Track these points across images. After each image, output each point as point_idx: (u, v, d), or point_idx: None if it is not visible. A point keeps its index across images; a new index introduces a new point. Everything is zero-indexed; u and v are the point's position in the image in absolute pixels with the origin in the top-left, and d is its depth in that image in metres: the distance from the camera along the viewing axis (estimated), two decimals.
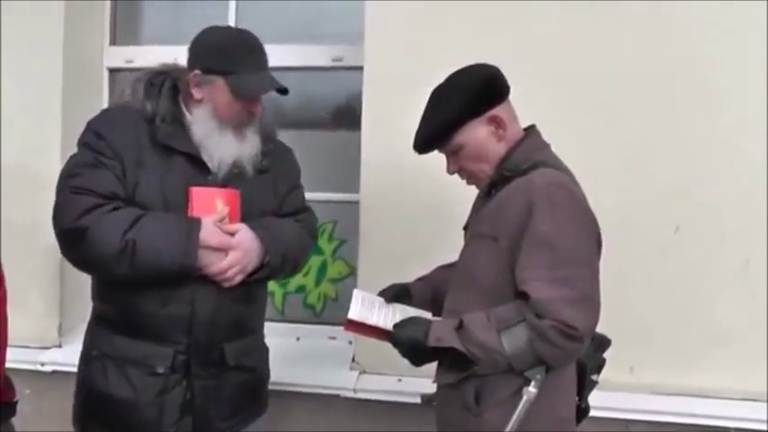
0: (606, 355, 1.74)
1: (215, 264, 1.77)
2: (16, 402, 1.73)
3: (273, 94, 1.85)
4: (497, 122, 1.63)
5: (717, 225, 2.29)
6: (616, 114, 2.33)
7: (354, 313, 1.70)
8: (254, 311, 1.99)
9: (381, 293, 1.81)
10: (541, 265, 1.48)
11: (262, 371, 2.06)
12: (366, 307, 1.72)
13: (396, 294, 1.80)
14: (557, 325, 1.44)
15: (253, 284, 1.89)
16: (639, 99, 2.32)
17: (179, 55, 1.93)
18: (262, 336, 2.08)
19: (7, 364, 2.68)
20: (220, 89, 1.79)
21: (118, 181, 1.75)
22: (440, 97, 1.66)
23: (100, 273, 1.82)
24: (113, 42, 2.98)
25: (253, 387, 2.00)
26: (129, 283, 1.76)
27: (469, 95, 1.61)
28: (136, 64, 2.91)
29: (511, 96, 1.70)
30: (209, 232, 1.75)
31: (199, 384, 1.84)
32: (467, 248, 1.73)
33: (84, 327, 2.79)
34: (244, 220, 1.85)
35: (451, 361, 1.58)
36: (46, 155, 2.69)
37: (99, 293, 1.91)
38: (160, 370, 1.79)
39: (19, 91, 2.74)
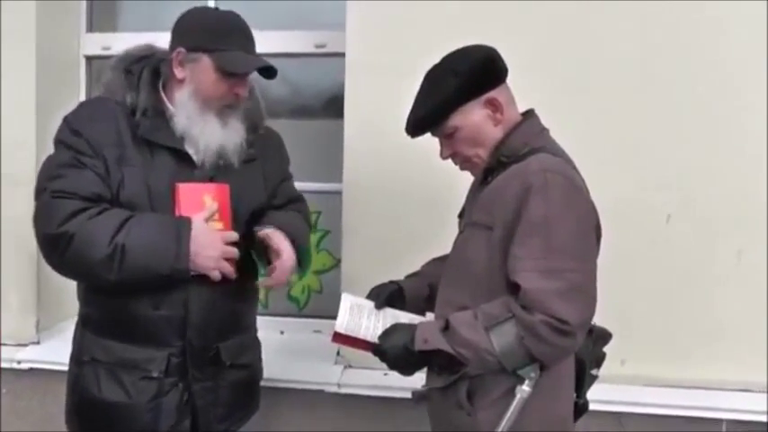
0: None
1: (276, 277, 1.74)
2: None
3: (262, 81, 1.73)
4: (494, 105, 1.52)
5: (709, 216, 2.20)
6: (607, 105, 2.23)
7: (341, 325, 1.58)
8: (248, 307, 1.91)
9: (372, 295, 1.70)
10: (533, 254, 1.37)
11: (256, 368, 1.97)
12: (354, 315, 1.61)
13: (388, 298, 1.69)
14: (547, 320, 1.33)
15: (242, 280, 1.77)
16: (632, 88, 2.22)
17: (159, 41, 1.83)
18: (255, 331, 1.98)
19: None
20: (205, 67, 1.66)
21: (101, 180, 1.63)
22: (435, 79, 1.54)
23: (86, 279, 1.71)
24: (90, 29, 2.82)
25: (247, 384, 1.92)
26: (114, 289, 1.65)
27: (465, 77, 1.50)
28: (114, 51, 2.76)
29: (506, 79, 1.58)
30: (200, 231, 1.64)
31: (198, 387, 1.75)
32: (460, 237, 1.61)
33: (62, 324, 2.75)
34: (234, 214, 1.74)
35: (441, 363, 1.46)
36: (20, 149, 2.54)
37: (85, 297, 1.79)
38: (155, 374, 1.70)
39: None
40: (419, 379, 1.62)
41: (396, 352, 1.48)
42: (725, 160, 2.20)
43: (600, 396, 2.04)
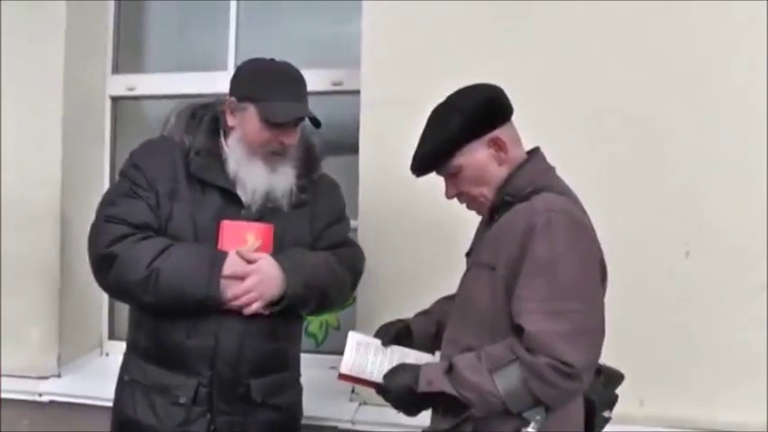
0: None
1: (231, 290, 1.70)
2: None
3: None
4: (498, 145, 1.49)
5: (731, 249, 2.11)
6: (623, 135, 2.17)
7: (347, 366, 1.57)
8: (283, 347, 1.87)
9: (379, 334, 1.66)
10: (537, 296, 1.33)
11: (293, 409, 1.96)
12: (361, 354, 1.59)
13: (396, 336, 1.65)
14: (551, 362, 1.28)
15: (280, 319, 1.79)
16: (649, 118, 2.16)
17: (182, 82, 1.87)
18: (295, 373, 1.96)
19: (5, 395, 2.64)
20: (251, 116, 1.74)
21: (151, 211, 1.74)
22: (438, 118, 1.52)
23: (127, 299, 1.81)
24: (116, 70, 2.88)
25: (282, 426, 1.89)
26: (158, 313, 1.74)
27: (469, 116, 1.48)
28: (138, 92, 2.83)
29: (512, 118, 1.56)
30: (233, 263, 1.69)
31: (222, 420, 1.77)
32: (466, 277, 1.57)
33: (83, 359, 2.76)
34: (276, 254, 1.76)
35: (445, 405, 1.41)
36: (46, 185, 2.59)
37: (132, 321, 1.88)
38: (182, 400, 1.74)
39: (19, 120, 2.65)
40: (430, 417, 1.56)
41: (400, 392, 1.45)
42: (746, 190, 2.11)
43: None
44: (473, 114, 1.49)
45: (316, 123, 1.79)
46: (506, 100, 1.54)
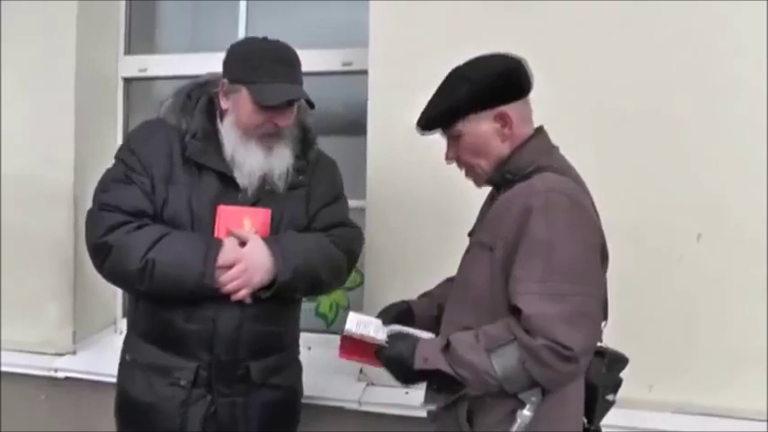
0: (624, 371, 1.54)
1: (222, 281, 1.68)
2: None
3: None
4: (504, 120, 1.46)
5: (741, 234, 2.07)
6: (634, 119, 2.13)
7: (349, 331, 1.54)
8: (280, 330, 1.87)
9: (380, 315, 1.65)
10: (534, 277, 1.30)
11: (293, 388, 1.96)
12: (360, 329, 1.56)
13: (397, 315, 1.64)
14: (549, 344, 1.26)
15: (276, 303, 1.77)
16: (659, 102, 2.12)
17: (193, 63, 1.84)
18: (294, 352, 1.97)
19: (22, 370, 2.70)
20: (243, 98, 1.70)
21: (146, 197, 1.71)
22: (452, 81, 1.50)
23: (124, 287, 1.83)
24: (128, 51, 2.88)
25: (283, 405, 1.91)
26: (155, 298, 1.73)
27: (478, 87, 1.45)
28: (150, 73, 2.83)
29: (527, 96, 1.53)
30: (228, 251, 1.68)
31: (223, 401, 1.78)
32: (466, 257, 1.55)
33: (96, 336, 2.80)
34: (269, 238, 1.75)
35: (440, 382, 1.41)
36: (60, 166, 2.61)
37: (132, 303, 1.88)
38: (183, 383, 1.75)
39: (33, 101, 2.67)
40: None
41: (397, 361, 1.43)
42: (758, 176, 2.07)
43: (626, 423, 2.01)
44: (483, 86, 1.46)
45: (310, 104, 1.74)
46: (523, 77, 1.50)
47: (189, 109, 1.78)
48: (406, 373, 1.43)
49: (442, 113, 1.50)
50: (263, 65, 1.69)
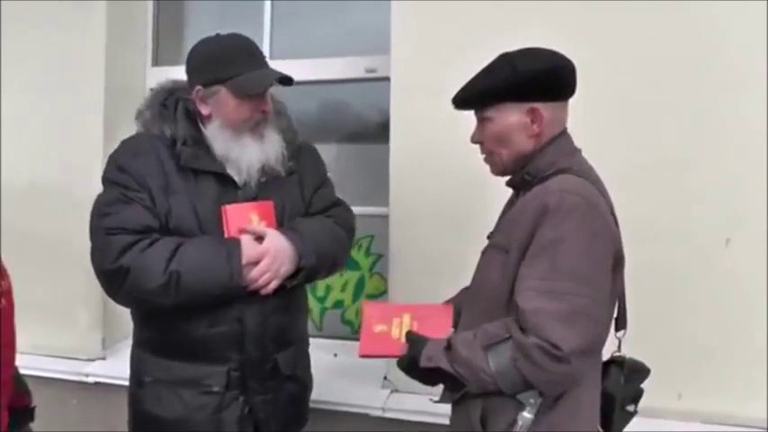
0: (652, 379, 1.51)
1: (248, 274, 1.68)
2: (33, 408, 1.65)
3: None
4: (535, 117, 1.44)
5: None
6: (661, 119, 2.10)
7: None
8: (296, 320, 1.90)
9: None
10: (536, 274, 1.29)
11: (308, 380, 1.99)
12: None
13: None
14: (540, 343, 1.24)
15: (291, 292, 1.79)
16: (688, 106, 2.08)
17: None
18: (306, 345, 1.98)
19: (55, 375, 2.75)
20: (225, 97, 1.69)
21: (149, 212, 1.67)
22: (497, 64, 1.48)
23: (145, 306, 1.73)
24: (156, 63, 2.93)
25: (301, 397, 1.94)
26: (172, 311, 1.68)
27: (520, 78, 1.43)
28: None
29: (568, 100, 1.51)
30: (250, 248, 1.67)
31: (258, 399, 1.78)
32: (482, 259, 1.55)
33: (125, 342, 2.83)
34: (280, 228, 1.76)
35: (446, 381, 1.40)
36: (88, 174, 2.62)
37: (140, 321, 1.83)
38: (215, 389, 1.73)
39: (62, 110, 2.73)
40: None
41: (408, 364, 1.45)
42: None
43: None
44: (524, 77, 1.44)
45: (288, 81, 1.73)
46: (568, 80, 1.48)
47: (169, 117, 1.76)
48: (414, 372, 1.44)
49: (477, 94, 1.49)
50: (232, 59, 1.69)
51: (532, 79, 1.44)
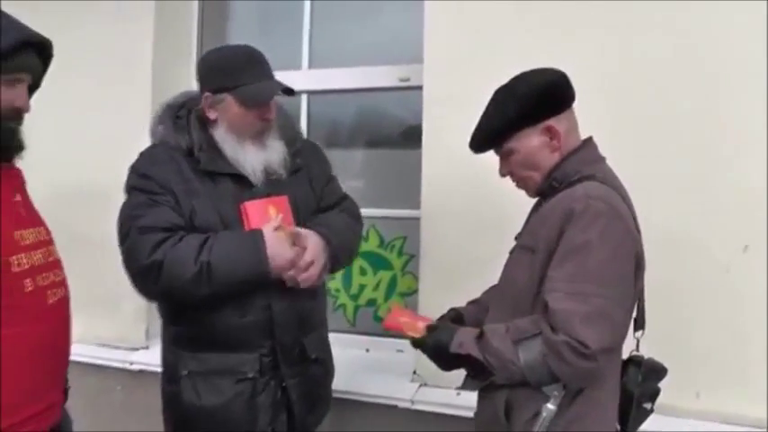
0: (670, 378, 1.58)
1: (301, 271, 1.79)
2: (68, 389, 1.72)
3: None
4: (552, 133, 1.52)
5: None
6: (678, 127, 2.15)
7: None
8: (318, 305, 2.01)
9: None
10: (564, 277, 1.38)
11: (330, 363, 2.08)
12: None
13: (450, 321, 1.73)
14: (569, 341, 1.33)
15: None
16: (704, 108, 2.12)
17: None
18: (326, 330, 2.08)
19: (102, 362, 2.90)
20: (230, 104, 1.80)
21: (175, 212, 1.76)
22: (498, 100, 1.57)
23: (180, 299, 1.78)
24: None
25: (325, 379, 2.04)
26: (204, 304, 1.76)
27: (524, 104, 1.51)
28: None
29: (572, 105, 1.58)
30: (272, 239, 1.75)
31: (291, 383, 1.87)
32: (509, 259, 1.64)
33: None
34: (296, 220, 1.87)
35: (472, 368, 1.50)
36: None
37: (172, 318, 1.90)
38: (250, 374, 1.81)
39: (110, 120, 2.87)
40: None
41: (435, 347, 1.54)
42: None
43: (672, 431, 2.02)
44: (529, 102, 1.52)
45: (290, 92, 1.83)
46: (565, 89, 1.55)
47: (183, 128, 1.85)
48: (441, 357, 1.53)
49: (491, 134, 1.57)
50: (240, 68, 1.79)
51: (537, 100, 1.52)
